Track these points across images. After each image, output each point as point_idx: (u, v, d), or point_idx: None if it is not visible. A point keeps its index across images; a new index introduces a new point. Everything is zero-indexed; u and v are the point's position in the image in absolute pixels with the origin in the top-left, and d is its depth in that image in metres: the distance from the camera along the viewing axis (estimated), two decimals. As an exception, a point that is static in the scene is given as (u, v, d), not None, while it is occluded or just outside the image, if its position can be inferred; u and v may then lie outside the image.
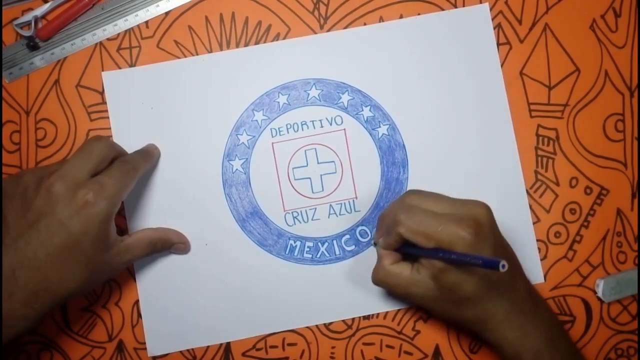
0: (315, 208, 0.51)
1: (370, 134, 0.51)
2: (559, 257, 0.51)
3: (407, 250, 0.44)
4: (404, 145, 0.51)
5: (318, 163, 0.51)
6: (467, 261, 0.40)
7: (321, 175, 0.51)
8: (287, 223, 0.51)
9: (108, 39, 0.51)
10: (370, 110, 0.51)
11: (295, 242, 0.51)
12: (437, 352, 0.51)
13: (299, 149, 0.51)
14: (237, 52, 0.51)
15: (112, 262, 0.44)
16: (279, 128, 0.51)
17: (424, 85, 0.51)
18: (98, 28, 0.51)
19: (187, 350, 0.50)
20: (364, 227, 0.51)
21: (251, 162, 0.51)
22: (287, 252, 0.51)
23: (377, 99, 0.51)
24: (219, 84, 0.51)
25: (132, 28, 0.51)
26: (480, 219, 0.42)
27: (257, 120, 0.51)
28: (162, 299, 0.50)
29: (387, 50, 0.51)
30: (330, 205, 0.51)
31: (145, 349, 0.50)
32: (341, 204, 0.51)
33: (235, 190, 0.51)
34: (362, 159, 0.51)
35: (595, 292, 0.51)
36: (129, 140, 0.50)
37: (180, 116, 0.51)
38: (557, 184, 0.51)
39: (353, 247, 0.51)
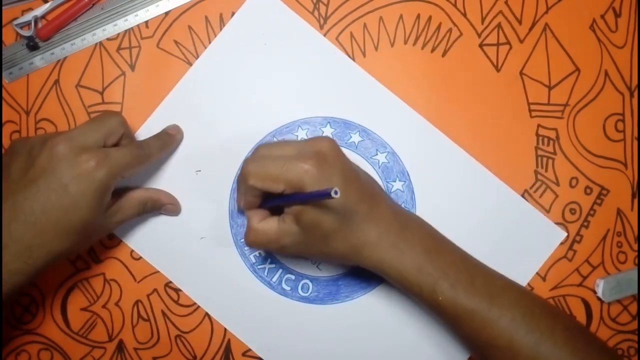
0: None
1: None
2: (559, 257, 0.51)
3: (269, 204, 0.44)
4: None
5: None
6: (305, 199, 0.39)
7: None
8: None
9: (108, 39, 0.51)
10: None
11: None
12: (437, 352, 0.51)
13: None
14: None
15: (105, 223, 0.45)
16: None
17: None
18: (98, 28, 0.51)
19: (187, 350, 0.51)
20: None
21: None
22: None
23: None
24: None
25: (132, 28, 0.51)
26: (323, 150, 0.42)
27: None
28: None
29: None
30: None
31: (146, 349, 0.50)
32: None
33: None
34: None
35: (595, 292, 0.51)
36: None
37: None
38: (557, 184, 0.51)
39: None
